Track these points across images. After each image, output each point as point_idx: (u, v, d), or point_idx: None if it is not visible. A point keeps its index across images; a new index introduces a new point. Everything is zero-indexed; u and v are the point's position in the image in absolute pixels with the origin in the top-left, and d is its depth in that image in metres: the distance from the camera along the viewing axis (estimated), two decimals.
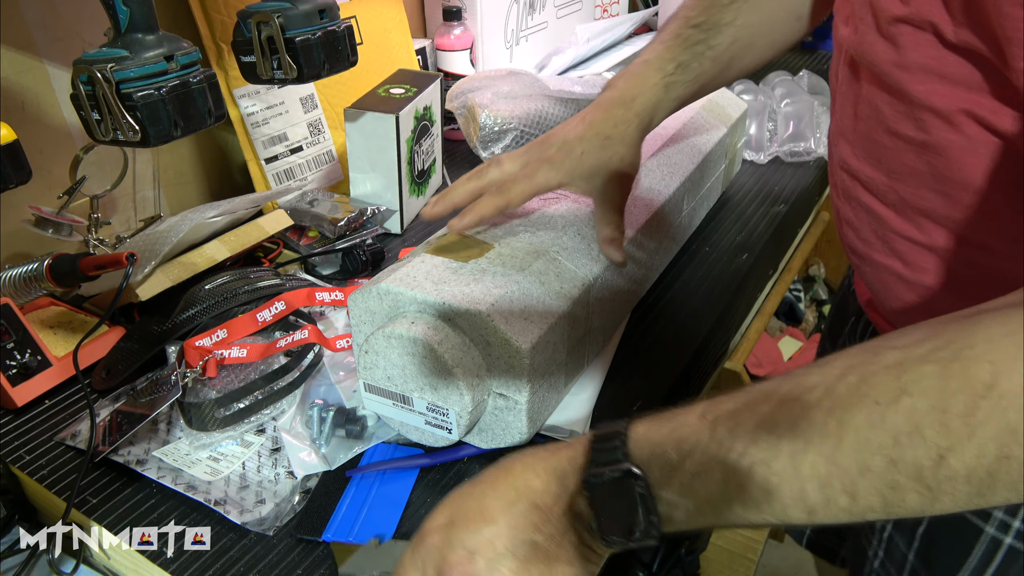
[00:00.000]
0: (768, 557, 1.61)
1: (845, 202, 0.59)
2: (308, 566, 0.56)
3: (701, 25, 0.65)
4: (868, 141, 0.53)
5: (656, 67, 0.64)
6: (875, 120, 0.51)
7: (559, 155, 0.63)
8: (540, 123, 1.17)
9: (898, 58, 0.47)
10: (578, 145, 0.63)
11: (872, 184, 0.55)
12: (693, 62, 0.65)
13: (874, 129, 0.52)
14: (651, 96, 0.64)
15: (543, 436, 0.66)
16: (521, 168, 0.64)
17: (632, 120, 0.63)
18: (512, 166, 0.65)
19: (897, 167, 0.51)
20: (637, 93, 0.64)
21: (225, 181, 1.06)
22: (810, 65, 1.61)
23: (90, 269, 0.73)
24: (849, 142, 0.56)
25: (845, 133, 0.56)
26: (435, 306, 0.59)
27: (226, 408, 0.66)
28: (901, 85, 0.47)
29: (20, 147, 0.62)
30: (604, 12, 1.57)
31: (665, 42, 0.65)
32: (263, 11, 0.74)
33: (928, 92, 0.46)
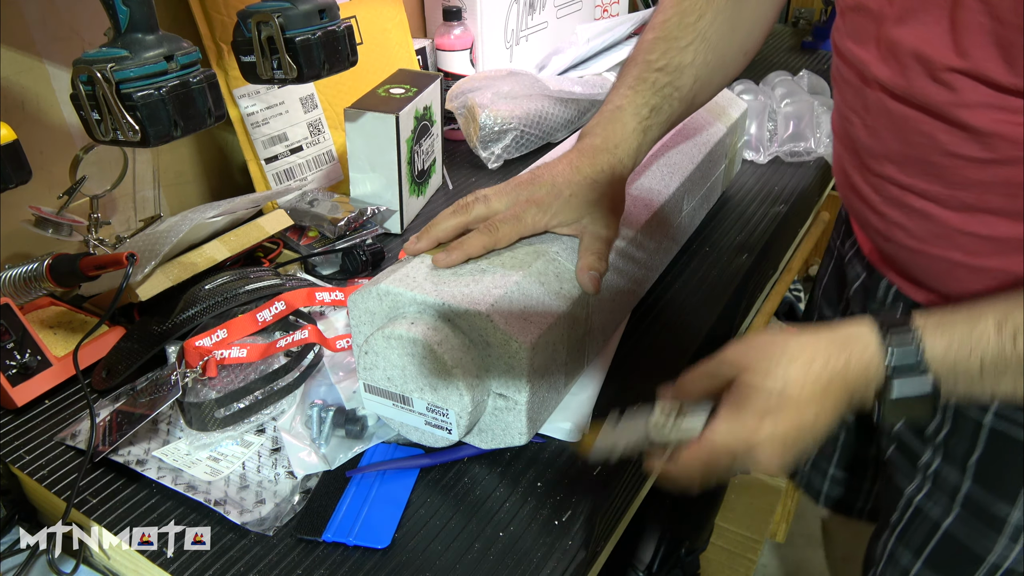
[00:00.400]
0: (768, 557, 1.61)
1: (894, 208, 0.62)
2: (308, 566, 0.56)
3: (664, 68, 0.68)
4: (923, 162, 0.56)
5: (632, 113, 0.67)
6: (930, 145, 0.54)
7: (547, 197, 0.64)
8: (540, 123, 1.17)
9: (956, 99, 0.51)
10: (566, 188, 0.64)
11: (929, 194, 0.57)
12: (664, 104, 0.68)
13: (929, 153, 0.55)
14: (632, 142, 0.67)
15: (543, 436, 0.66)
16: (508, 207, 0.65)
17: (616, 165, 0.66)
18: (499, 204, 0.65)
19: (959, 180, 0.54)
20: (619, 140, 0.66)
21: (225, 181, 1.06)
22: (810, 65, 1.61)
23: (90, 269, 0.73)
24: (896, 163, 0.59)
25: (890, 156, 0.59)
26: (435, 306, 0.59)
27: (226, 408, 0.66)
28: (962, 120, 0.51)
29: (20, 147, 0.62)
30: (604, 12, 1.57)
31: (633, 87, 0.68)
32: (263, 11, 0.74)
33: (994, 122, 0.49)
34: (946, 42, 0.51)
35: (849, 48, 0.61)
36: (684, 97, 0.69)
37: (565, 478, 0.62)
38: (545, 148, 1.20)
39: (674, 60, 0.68)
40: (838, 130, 0.69)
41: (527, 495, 0.61)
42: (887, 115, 0.58)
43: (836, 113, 0.69)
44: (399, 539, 0.58)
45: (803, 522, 1.69)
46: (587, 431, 0.54)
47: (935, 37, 0.51)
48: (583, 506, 0.60)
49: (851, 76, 0.62)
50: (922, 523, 0.69)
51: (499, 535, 0.58)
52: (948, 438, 0.65)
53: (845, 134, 0.66)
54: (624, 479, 0.66)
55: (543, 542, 0.57)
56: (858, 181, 0.66)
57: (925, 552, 0.69)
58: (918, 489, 0.69)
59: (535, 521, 0.59)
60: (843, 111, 0.66)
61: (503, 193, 0.65)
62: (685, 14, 0.69)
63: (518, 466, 0.64)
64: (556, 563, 0.56)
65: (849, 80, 0.63)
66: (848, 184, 0.69)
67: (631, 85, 0.68)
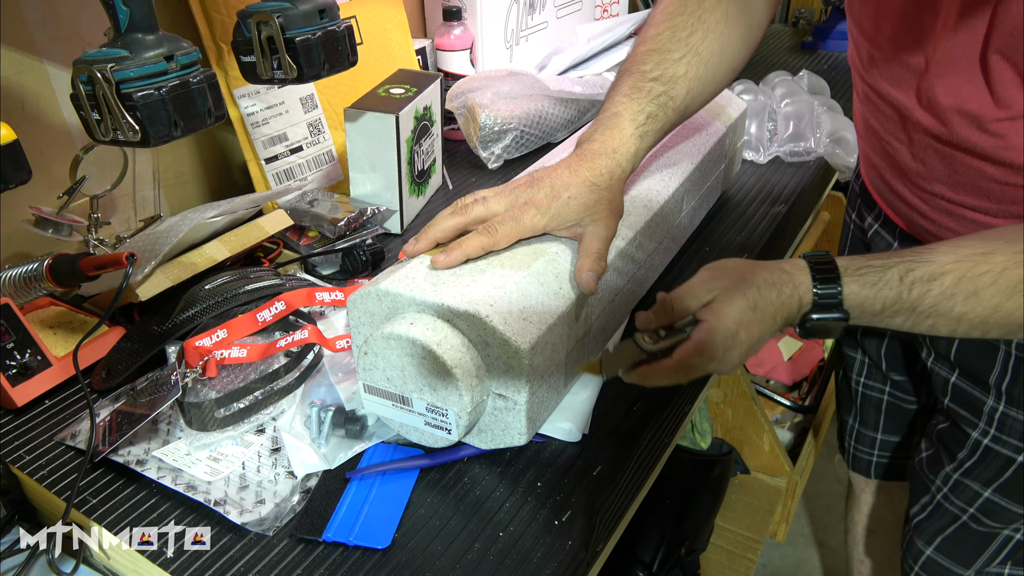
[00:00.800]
0: (768, 557, 1.61)
1: (944, 216, 0.69)
2: (308, 566, 0.56)
3: (659, 79, 0.70)
4: (973, 186, 0.64)
5: (629, 119, 0.69)
6: (980, 175, 0.62)
7: (546, 200, 0.65)
8: (540, 123, 1.17)
9: (1003, 144, 0.59)
10: (565, 191, 0.65)
11: (981, 208, 0.65)
12: (659, 112, 0.70)
13: (979, 179, 0.63)
14: (630, 146, 0.69)
15: (543, 436, 0.66)
16: (507, 209, 0.66)
17: (615, 169, 0.68)
18: (497, 205, 0.66)
19: (1009, 198, 0.62)
20: (617, 145, 0.68)
21: (225, 181, 1.06)
22: (810, 65, 1.61)
23: (90, 269, 0.73)
24: (946, 184, 0.66)
25: (939, 179, 0.67)
26: (434, 307, 0.59)
27: (226, 408, 0.66)
28: (1009, 159, 0.59)
29: (20, 147, 0.62)
30: (604, 12, 1.57)
31: (629, 95, 0.70)
32: (263, 11, 0.74)
33: None
34: (985, 97, 0.58)
35: (887, 90, 0.67)
36: (678, 107, 0.72)
37: (565, 478, 0.62)
38: (545, 148, 1.20)
39: (668, 71, 0.71)
40: (874, 147, 0.74)
41: (527, 495, 0.61)
42: (934, 150, 0.65)
43: (869, 131, 0.74)
44: (399, 539, 0.58)
45: (803, 522, 1.69)
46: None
47: (974, 93, 0.58)
48: (583, 506, 0.60)
49: (890, 111, 0.68)
50: (994, 460, 0.76)
51: (499, 535, 0.58)
52: (1011, 386, 0.73)
53: (885, 153, 0.72)
54: (624, 479, 0.66)
55: (543, 542, 0.57)
56: (904, 192, 0.72)
57: (995, 483, 0.77)
58: (984, 433, 0.76)
59: (535, 521, 0.59)
60: (881, 134, 0.71)
61: (502, 195, 0.66)
62: (677, 29, 0.72)
63: (518, 466, 0.64)
64: (556, 563, 0.56)
65: (888, 114, 0.69)
66: (890, 190, 0.75)
67: (627, 93, 0.70)
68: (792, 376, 1.78)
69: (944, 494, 0.83)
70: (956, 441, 0.80)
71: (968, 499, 0.80)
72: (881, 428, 1.01)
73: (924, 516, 0.86)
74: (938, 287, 0.54)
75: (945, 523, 0.84)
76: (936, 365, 0.80)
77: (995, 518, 0.80)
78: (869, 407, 1.00)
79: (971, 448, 0.78)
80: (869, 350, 0.96)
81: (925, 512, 0.86)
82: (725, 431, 1.59)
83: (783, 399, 1.68)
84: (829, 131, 1.18)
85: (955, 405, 0.79)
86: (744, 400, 1.50)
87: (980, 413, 0.76)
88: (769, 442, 1.54)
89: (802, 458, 1.59)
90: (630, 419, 0.68)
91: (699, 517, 1.42)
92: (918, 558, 0.88)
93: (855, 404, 1.02)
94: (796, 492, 1.57)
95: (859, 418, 1.03)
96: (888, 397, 0.98)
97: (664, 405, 0.72)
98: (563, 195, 0.65)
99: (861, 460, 1.05)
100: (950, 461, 0.81)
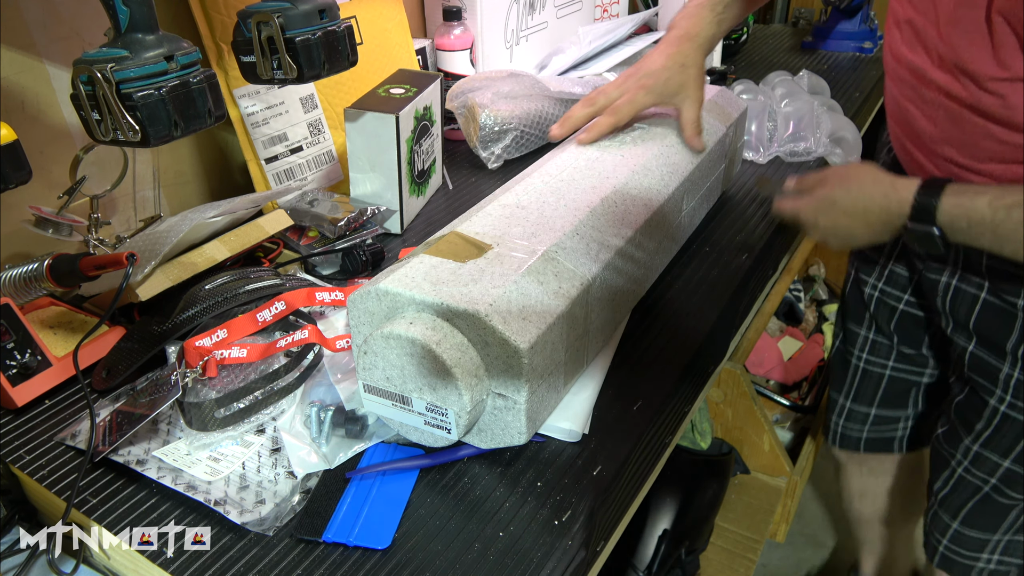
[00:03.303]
0: (768, 557, 1.61)
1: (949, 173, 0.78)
2: (308, 566, 0.56)
3: None
4: (978, 147, 0.71)
5: (709, 8, 0.87)
6: (983, 133, 0.69)
7: (649, 81, 0.84)
8: (540, 123, 1.17)
9: (1003, 103, 0.65)
10: (663, 73, 0.84)
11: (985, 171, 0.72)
12: (732, 2, 0.87)
13: (983, 139, 0.70)
14: (708, 31, 0.86)
15: (542, 436, 0.66)
16: (621, 95, 0.85)
17: (698, 50, 0.85)
18: (615, 93, 0.85)
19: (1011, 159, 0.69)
20: (699, 30, 0.86)
21: (225, 181, 1.06)
22: (810, 65, 1.61)
23: (90, 269, 0.73)
24: (955, 147, 0.74)
25: (950, 141, 0.74)
26: (433, 306, 0.59)
27: (226, 408, 0.66)
28: (1009, 118, 0.66)
29: (20, 147, 0.62)
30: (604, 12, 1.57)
31: None
32: (263, 11, 0.74)
33: None
34: (988, 57, 0.64)
35: (904, 54, 0.76)
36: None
37: (565, 478, 0.62)
38: (545, 148, 1.20)
39: None
40: (896, 116, 0.83)
41: (527, 495, 0.61)
42: (945, 109, 0.72)
43: (892, 103, 0.83)
44: (399, 539, 0.58)
45: (803, 522, 1.69)
46: None
47: (978, 53, 0.65)
48: (583, 506, 0.60)
49: (908, 76, 0.76)
50: (1011, 428, 0.82)
51: (499, 535, 0.58)
52: None
53: (904, 121, 0.81)
54: (624, 479, 0.66)
55: (543, 542, 0.57)
56: (920, 158, 0.80)
57: (1013, 453, 0.83)
58: (1000, 400, 0.82)
59: (535, 521, 0.59)
60: (900, 102, 0.80)
61: (616, 85, 0.86)
62: None
63: (518, 466, 0.64)
64: (556, 563, 0.56)
65: (905, 79, 0.77)
66: (910, 158, 0.83)
67: None
68: (792, 376, 1.78)
69: (965, 467, 0.88)
70: (974, 411, 0.85)
71: (988, 470, 0.86)
72: (877, 403, 1.06)
73: (948, 491, 0.91)
74: (1018, 214, 0.63)
75: (968, 495, 0.89)
76: (955, 335, 0.85)
77: (1015, 487, 0.84)
78: (867, 384, 1.06)
79: (988, 417, 0.83)
80: (880, 323, 1.01)
81: (948, 487, 0.91)
82: (725, 431, 1.59)
83: (783, 399, 1.68)
84: (829, 131, 1.18)
85: (973, 374, 0.84)
86: (744, 400, 1.50)
87: (997, 381, 0.81)
88: (769, 442, 1.54)
89: (802, 458, 1.58)
90: (630, 419, 0.68)
91: (699, 517, 1.42)
92: (946, 532, 0.93)
93: (851, 381, 1.07)
94: (796, 492, 1.57)
95: (853, 395, 1.08)
96: (890, 371, 1.03)
97: (664, 405, 0.72)
98: (662, 76, 0.84)
99: (849, 438, 1.11)
100: (968, 433, 0.86)
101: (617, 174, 0.79)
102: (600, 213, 0.73)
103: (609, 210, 0.74)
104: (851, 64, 1.62)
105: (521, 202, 0.74)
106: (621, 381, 0.73)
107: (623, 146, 0.85)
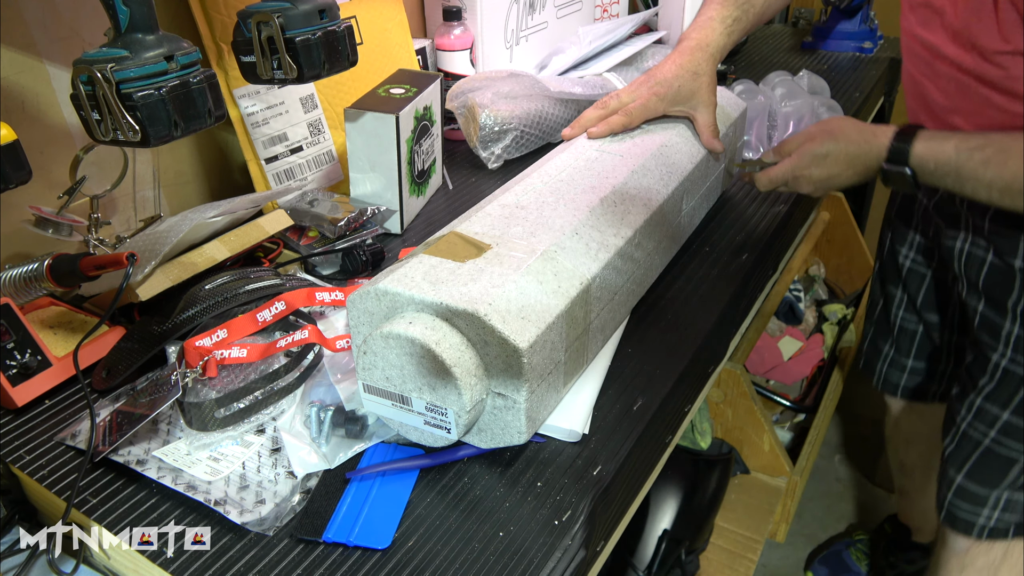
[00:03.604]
0: (768, 557, 1.61)
1: None
2: (308, 566, 0.56)
3: None
4: (983, 117, 0.79)
5: (719, 20, 0.90)
6: (987, 103, 0.78)
7: (662, 89, 0.88)
8: (540, 123, 1.17)
9: (1006, 75, 0.74)
10: (675, 80, 0.88)
11: None
12: (743, 16, 0.91)
13: (987, 107, 0.78)
14: (719, 42, 0.90)
15: (542, 435, 0.66)
16: (634, 100, 0.88)
17: (709, 59, 0.89)
18: (628, 98, 0.89)
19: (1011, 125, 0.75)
20: (709, 40, 0.90)
21: (225, 181, 1.06)
22: (810, 65, 1.61)
23: (90, 269, 0.73)
24: (962, 115, 0.82)
25: (958, 110, 0.82)
26: (433, 306, 0.59)
27: (226, 408, 0.66)
28: (1010, 88, 0.74)
29: (20, 147, 0.62)
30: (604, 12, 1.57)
31: (722, 3, 0.92)
32: (263, 11, 0.74)
33: None
34: (993, 32, 0.72)
35: (920, 34, 0.84)
36: (757, 12, 0.93)
37: (564, 478, 0.62)
38: (545, 148, 1.20)
39: None
40: (911, 90, 0.91)
41: (527, 495, 0.61)
42: (955, 81, 0.80)
43: (908, 78, 0.91)
44: (399, 539, 0.58)
45: (803, 522, 1.69)
46: None
47: (985, 29, 0.73)
48: (583, 506, 0.60)
49: (923, 52, 0.84)
50: (1009, 380, 0.89)
51: (499, 535, 0.58)
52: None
53: (918, 94, 0.88)
54: (624, 479, 0.66)
55: (543, 542, 0.57)
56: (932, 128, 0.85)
57: (1012, 404, 0.90)
58: (1002, 355, 0.89)
59: (535, 521, 0.59)
60: (915, 77, 0.88)
61: (629, 91, 0.89)
62: None
63: (518, 466, 0.64)
64: (556, 563, 0.56)
65: (921, 56, 0.85)
66: None
67: (720, 2, 0.92)
68: (792, 376, 1.78)
69: (968, 422, 0.95)
70: (980, 368, 0.93)
71: (989, 422, 0.92)
72: (913, 355, 1.15)
73: (953, 447, 0.98)
74: (980, 155, 0.73)
75: (971, 449, 0.95)
76: (968, 297, 0.93)
77: (1014, 437, 0.90)
78: (904, 337, 1.15)
79: (991, 372, 0.91)
80: (910, 288, 1.10)
81: (954, 443, 0.97)
82: (725, 431, 1.59)
83: (783, 399, 1.68)
84: None
85: (981, 332, 0.92)
86: (744, 400, 1.50)
87: (999, 337, 0.89)
88: (769, 442, 1.54)
89: (802, 458, 1.58)
90: (630, 419, 0.68)
91: (699, 517, 1.42)
92: (951, 486, 0.99)
93: (892, 335, 1.17)
94: (796, 492, 1.57)
95: (895, 346, 1.17)
96: (922, 329, 1.12)
97: (664, 405, 0.72)
98: (675, 85, 0.88)
99: (891, 383, 1.20)
100: (972, 389, 0.94)
101: (617, 174, 0.79)
102: (600, 213, 0.73)
103: (608, 210, 0.74)
104: (851, 64, 1.62)
105: (521, 202, 0.74)
106: (621, 381, 0.73)
107: (623, 146, 0.86)
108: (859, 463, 1.83)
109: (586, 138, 0.87)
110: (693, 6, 1.50)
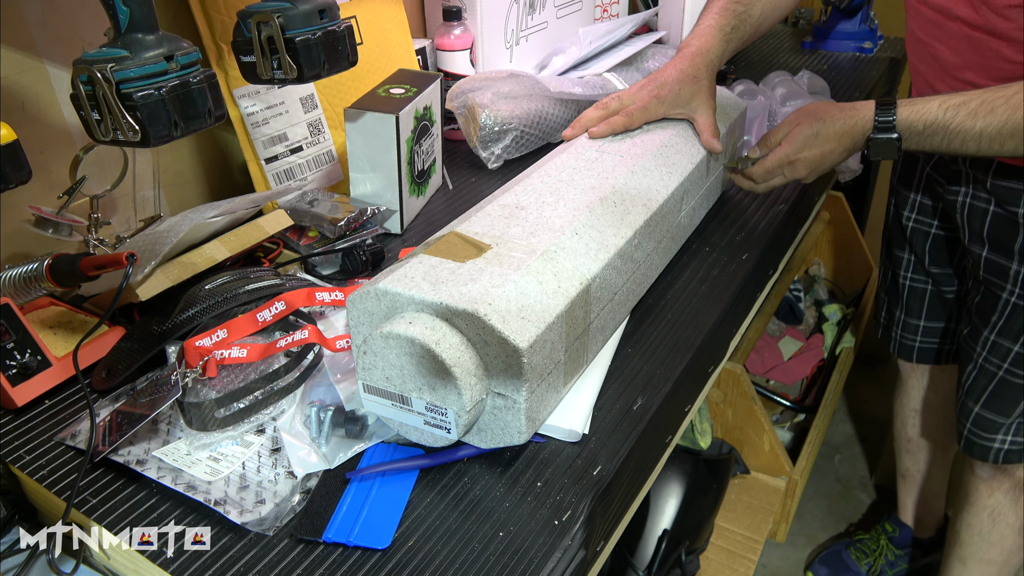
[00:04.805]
0: (768, 557, 1.61)
1: None
2: (308, 566, 0.56)
3: (741, 1, 0.96)
4: (993, 68, 0.85)
5: (718, 28, 0.94)
6: (998, 56, 0.84)
7: (663, 92, 0.89)
8: (540, 123, 1.17)
9: (1014, 26, 0.80)
10: (676, 84, 0.90)
11: None
12: (741, 26, 0.95)
13: (997, 61, 0.84)
14: (718, 49, 0.93)
15: (542, 435, 0.66)
16: (635, 102, 0.90)
17: (709, 65, 0.92)
18: (629, 100, 0.90)
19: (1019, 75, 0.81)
20: (709, 47, 0.92)
21: (225, 181, 1.06)
22: (810, 65, 1.61)
23: (90, 269, 0.73)
24: (973, 70, 0.88)
25: (969, 66, 0.89)
26: (433, 306, 0.59)
27: (226, 408, 0.66)
28: (1018, 38, 0.80)
29: (20, 147, 0.62)
30: (604, 12, 1.57)
31: (719, 12, 0.95)
32: (263, 11, 0.74)
33: None
34: None
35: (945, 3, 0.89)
36: (753, 23, 0.97)
37: (564, 478, 0.62)
38: (545, 148, 1.20)
39: None
40: (919, 55, 0.97)
41: (527, 495, 0.61)
42: (966, 39, 0.87)
43: (916, 44, 0.96)
44: (399, 539, 0.58)
45: (803, 522, 1.69)
46: None
47: None
48: (583, 506, 0.60)
49: (933, 15, 0.91)
50: (1020, 315, 0.98)
51: (498, 535, 0.58)
52: None
53: (926, 55, 0.95)
54: (624, 479, 0.66)
55: (543, 542, 0.57)
56: (941, 88, 0.93)
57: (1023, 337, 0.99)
58: (1011, 293, 0.98)
59: (535, 521, 0.59)
60: (924, 39, 0.94)
61: (631, 93, 0.91)
62: None
63: (517, 466, 0.64)
64: (556, 563, 0.56)
65: (931, 18, 0.91)
66: (933, 91, 0.94)
67: (717, 11, 0.95)
68: (792, 376, 1.78)
69: (984, 357, 1.04)
70: (990, 307, 1.01)
71: (1002, 355, 1.02)
72: (924, 315, 1.23)
73: (971, 381, 1.07)
74: (965, 109, 0.77)
75: (987, 381, 1.05)
76: (972, 245, 1.01)
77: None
78: (914, 298, 1.22)
79: (1001, 309, 0.99)
80: (916, 247, 1.18)
81: (971, 377, 1.07)
82: (725, 431, 1.59)
83: (783, 399, 1.68)
84: None
85: (988, 275, 1.00)
86: (744, 400, 1.50)
87: (1007, 277, 0.98)
88: (769, 442, 1.54)
89: (802, 458, 1.58)
90: (630, 419, 0.68)
91: (699, 517, 1.42)
92: (969, 415, 1.09)
93: (902, 298, 1.24)
94: (796, 492, 1.57)
95: (905, 309, 1.24)
96: (931, 287, 1.20)
97: (664, 405, 0.72)
98: (676, 88, 0.89)
99: (906, 346, 1.27)
100: (985, 326, 1.02)
101: (616, 174, 0.79)
102: (600, 213, 0.73)
103: (608, 210, 0.74)
104: (851, 64, 1.62)
105: (521, 202, 0.74)
106: (621, 381, 0.73)
107: (623, 146, 0.86)
108: (859, 463, 1.83)
109: (587, 138, 0.88)
110: (693, 6, 1.50)
